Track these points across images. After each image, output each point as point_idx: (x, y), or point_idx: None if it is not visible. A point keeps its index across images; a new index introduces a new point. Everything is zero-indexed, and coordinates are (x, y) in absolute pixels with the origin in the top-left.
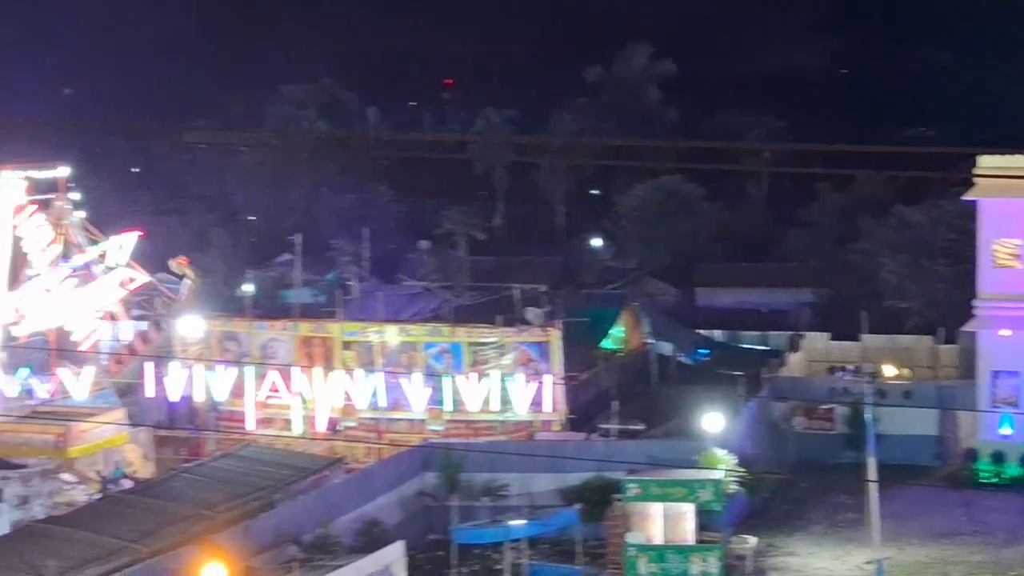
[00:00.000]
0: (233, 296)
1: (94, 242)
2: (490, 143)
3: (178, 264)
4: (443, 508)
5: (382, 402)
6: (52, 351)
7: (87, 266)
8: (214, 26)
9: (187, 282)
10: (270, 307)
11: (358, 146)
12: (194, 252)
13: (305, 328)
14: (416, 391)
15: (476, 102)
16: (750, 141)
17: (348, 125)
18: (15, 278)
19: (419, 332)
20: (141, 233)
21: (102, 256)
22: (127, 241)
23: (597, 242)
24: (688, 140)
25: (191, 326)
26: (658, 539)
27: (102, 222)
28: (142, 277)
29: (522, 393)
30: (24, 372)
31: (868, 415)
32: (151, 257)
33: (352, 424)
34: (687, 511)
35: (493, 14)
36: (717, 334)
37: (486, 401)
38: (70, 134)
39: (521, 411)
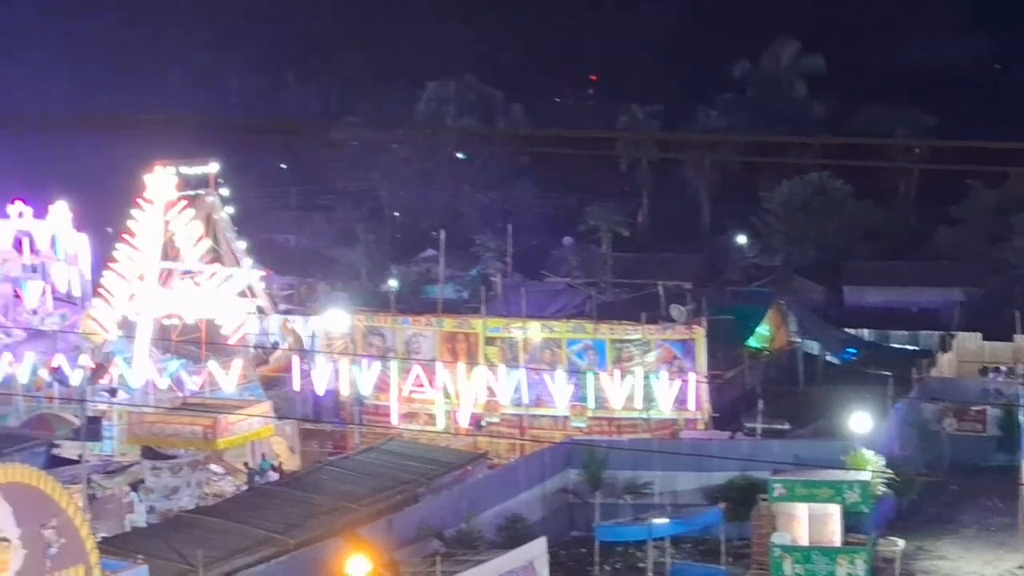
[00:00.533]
0: (377, 291)
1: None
2: (635, 139)
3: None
4: (586, 505)
5: (525, 398)
6: (202, 344)
7: (237, 261)
8: (361, 23)
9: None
10: (414, 302)
11: (502, 142)
12: (339, 248)
13: (449, 324)
14: (559, 388)
15: (621, 98)
16: (899, 137)
17: (492, 121)
18: (167, 272)
19: (562, 328)
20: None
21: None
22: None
23: (742, 239)
24: (835, 136)
25: (336, 320)
26: (803, 540)
27: (250, 217)
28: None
29: (666, 391)
30: (174, 364)
31: (1021, 417)
32: (298, 253)
33: (495, 420)
34: (833, 512)
35: (638, 9)
36: (865, 333)
37: (629, 398)
38: (221, 131)
39: (665, 409)
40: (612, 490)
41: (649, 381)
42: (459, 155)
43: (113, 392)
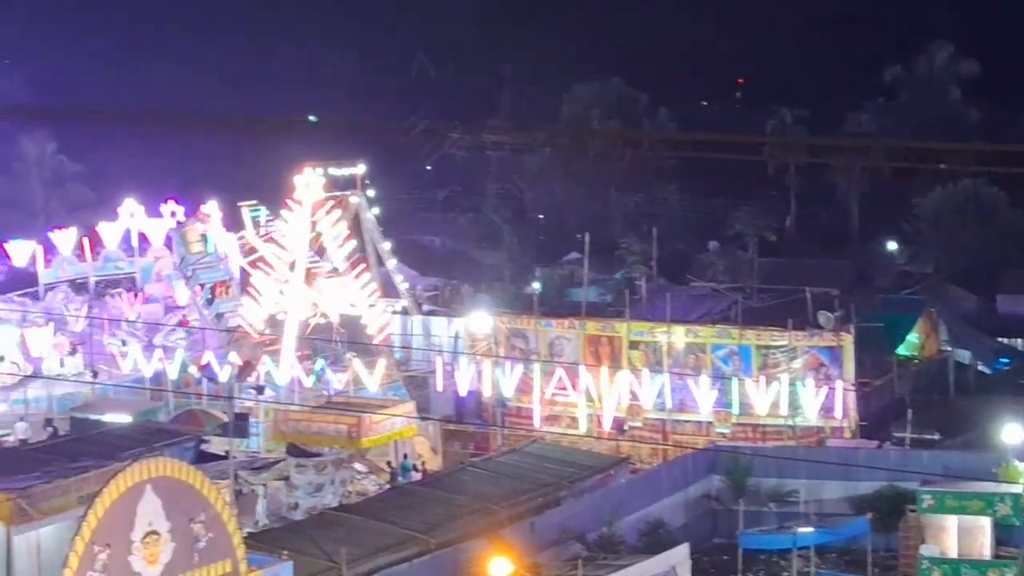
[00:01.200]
0: (521, 293)
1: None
2: (782, 143)
3: None
4: (729, 512)
5: (668, 403)
6: (346, 343)
7: (380, 261)
8: (509, 25)
9: None
10: (557, 305)
11: (647, 145)
12: (483, 249)
13: (592, 327)
14: (703, 393)
15: (769, 101)
16: None
17: (638, 124)
18: (313, 272)
19: (707, 333)
20: None
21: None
22: None
23: (892, 245)
24: (990, 143)
25: (479, 321)
26: (952, 553)
27: (395, 219)
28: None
29: (812, 398)
30: (320, 363)
31: None
32: (443, 255)
33: (638, 424)
34: (984, 525)
35: (787, 12)
36: (1019, 343)
37: (775, 405)
38: (368, 132)
39: (811, 416)
40: (756, 497)
41: (795, 388)
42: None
43: (260, 389)
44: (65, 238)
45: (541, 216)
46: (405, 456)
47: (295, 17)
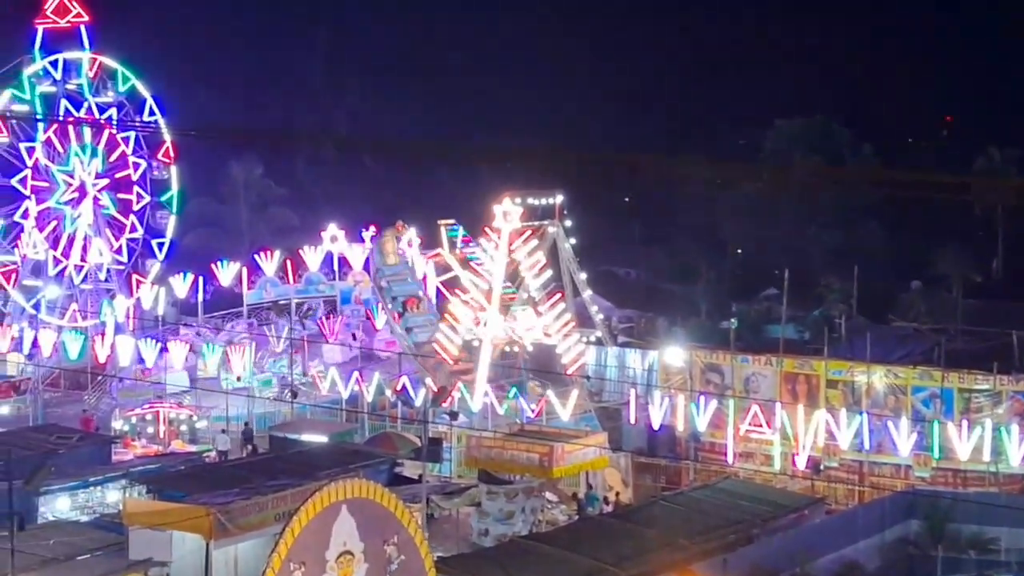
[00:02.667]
0: (717, 328)
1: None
2: (991, 184)
3: None
4: (927, 558)
5: (866, 444)
6: (541, 372)
7: (577, 292)
8: (711, 60)
9: None
10: (754, 341)
11: (851, 182)
12: (679, 283)
13: (789, 364)
14: (902, 435)
15: (977, 140)
16: None
17: (840, 160)
18: (509, 300)
19: (908, 375)
20: None
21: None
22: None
23: None
24: None
25: (674, 355)
26: None
27: (592, 249)
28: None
29: (1016, 445)
30: (513, 391)
31: None
32: (638, 287)
33: (834, 464)
34: None
35: (999, 51)
36: None
37: (977, 450)
38: (566, 163)
39: (1015, 463)
40: (955, 544)
41: (999, 433)
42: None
43: (454, 415)
44: (269, 261)
45: (739, 250)
46: (590, 487)
47: (492, 50)
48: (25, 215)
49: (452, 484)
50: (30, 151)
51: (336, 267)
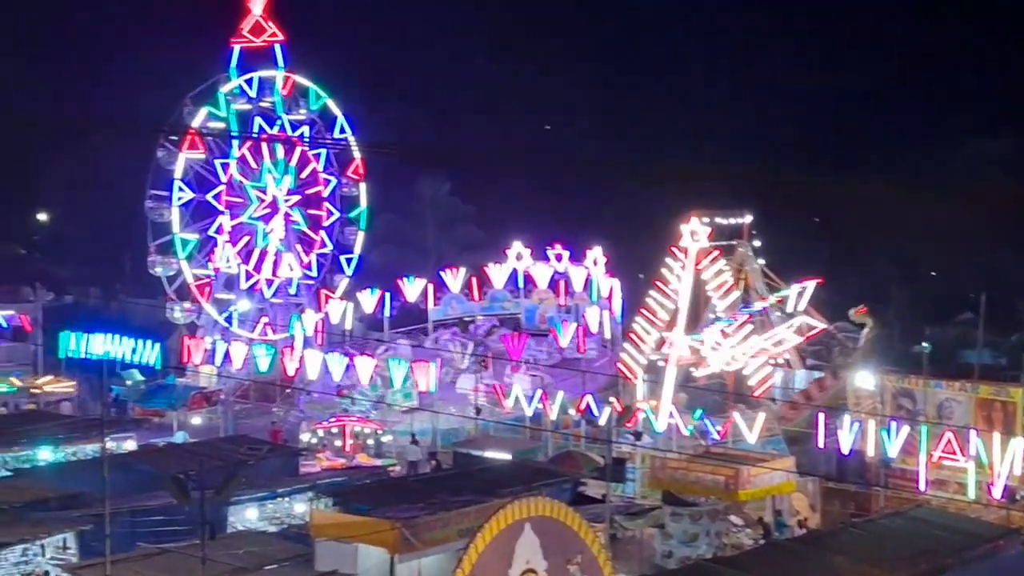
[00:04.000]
0: (909, 352)
1: (773, 289)
2: None
3: (858, 314)
4: None
5: None
6: (727, 394)
7: (765, 312)
8: (897, 79)
9: (865, 332)
10: (948, 366)
11: None
12: (870, 304)
13: (985, 390)
14: None
15: None
16: None
17: None
18: (695, 320)
19: None
20: (820, 281)
21: (780, 302)
22: (807, 289)
23: None
24: None
25: (865, 379)
26: None
27: (781, 270)
28: (820, 325)
29: None
30: (698, 412)
31: None
32: (828, 307)
33: None
34: None
35: None
36: None
37: None
38: (755, 182)
39: None
40: None
41: None
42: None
43: (638, 435)
44: (455, 277)
45: (933, 273)
46: (779, 512)
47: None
48: (219, 230)
49: (636, 505)
50: (225, 167)
51: (521, 284)
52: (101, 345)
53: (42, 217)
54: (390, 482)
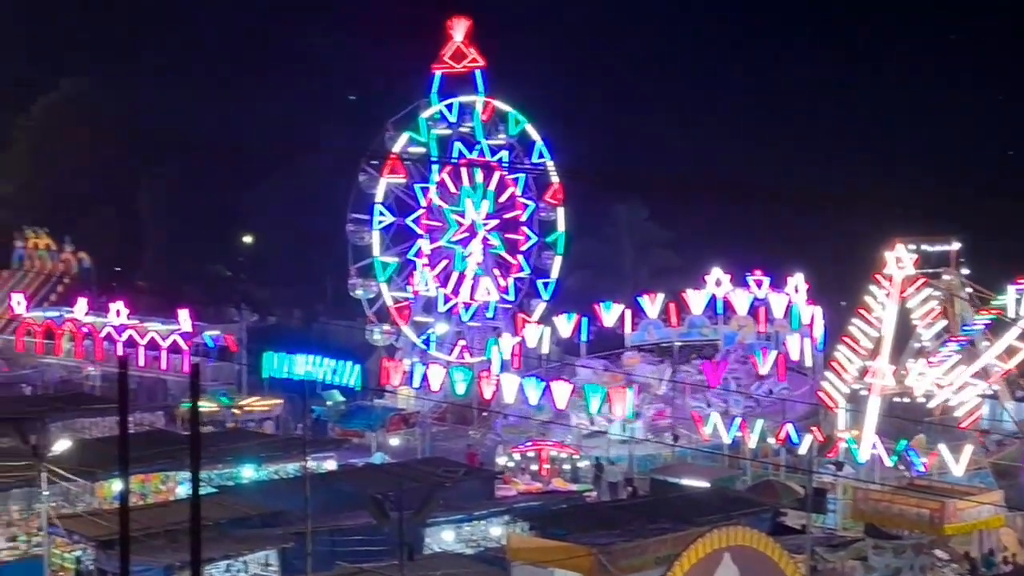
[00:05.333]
0: None
1: (985, 301)
2: None
3: None
4: None
5: None
6: (933, 424)
7: (971, 342)
8: None
9: None
10: None
11: None
12: None
13: None
14: None
15: None
16: None
17: None
18: (899, 349)
19: None
20: None
21: (999, 313)
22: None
23: None
24: None
25: None
26: None
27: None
28: None
29: None
30: (902, 444)
31: None
32: None
33: None
34: None
35: None
36: None
37: None
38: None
39: None
40: None
41: None
42: None
43: (839, 466)
44: (652, 303)
45: None
46: (991, 552)
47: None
48: (418, 253)
49: (837, 536)
50: (425, 191)
51: (720, 311)
52: (303, 366)
53: (247, 239)
54: (587, 507)
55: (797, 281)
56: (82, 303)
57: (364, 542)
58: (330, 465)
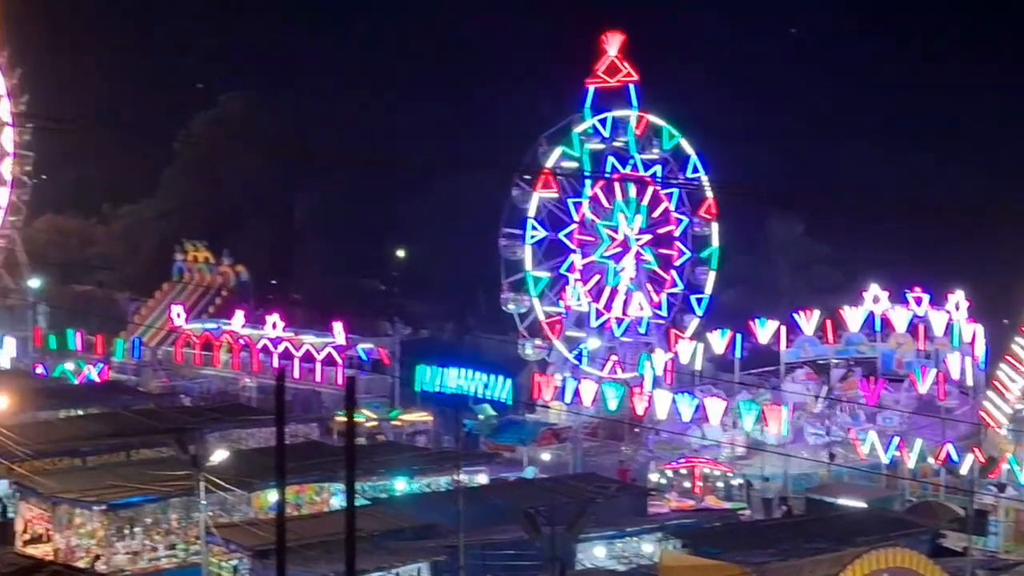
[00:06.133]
0: None
1: None
2: None
3: None
4: None
5: None
6: None
7: None
8: None
9: None
10: None
11: None
12: None
13: None
14: None
15: None
16: None
17: None
18: None
19: None
20: None
21: None
22: None
23: None
24: None
25: None
26: None
27: None
28: None
29: None
30: None
31: None
32: None
33: None
34: None
35: None
36: None
37: None
38: None
39: None
40: None
41: None
42: None
43: (1002, 487)
44: (808, 319)
45: None
46: None
47: None
48: (571, 268)
49: (999, 559)
50: (577, 206)
51: (878, 328)
52: (454, 379)
53: (400, 253)
54: (741, 526)
55: (958, 298)
56: (239, 315)
57: (516, 556)
58: (482, 479)
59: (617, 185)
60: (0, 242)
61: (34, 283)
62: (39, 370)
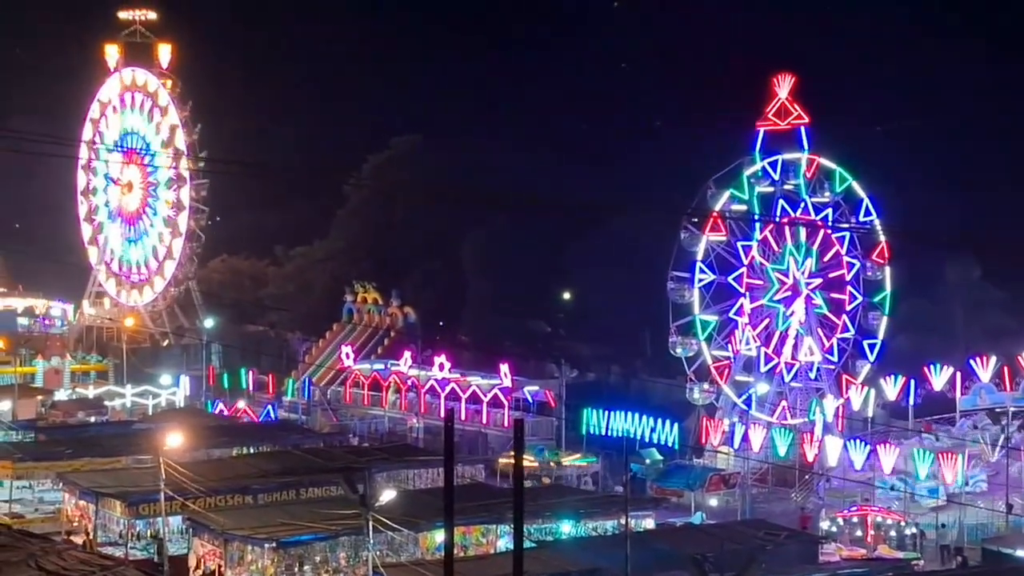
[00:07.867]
0: None
1: None
2: None
3: None
4: None
5: None
6: None
7: None
8: None
9: None
10: None
11: None
12: None
13: None
14: None
15: None
16: None
17: None
18: None
19: None
20: None
21: None
22: None
23: None
24: None
25: None
26: None
27: None
28: None
29: None
30: None
31: None
32: None
33: None
34: None
35: None
36: None
37: None
38: None
39: None
40: None
41: None
42: None
43: None
44: (984, 366)
45: None
46: None
47: None
48: (739, 312)
49: None
50: (746, 249)
51: None
52: (621, 423)
53: (566, 296)
54: None
55: None
56: (407, 356)
57: None
58: (648, 523)
59: (787, 228)
60: (172, 291)
61: (208, 323)
62: (219, 408)
